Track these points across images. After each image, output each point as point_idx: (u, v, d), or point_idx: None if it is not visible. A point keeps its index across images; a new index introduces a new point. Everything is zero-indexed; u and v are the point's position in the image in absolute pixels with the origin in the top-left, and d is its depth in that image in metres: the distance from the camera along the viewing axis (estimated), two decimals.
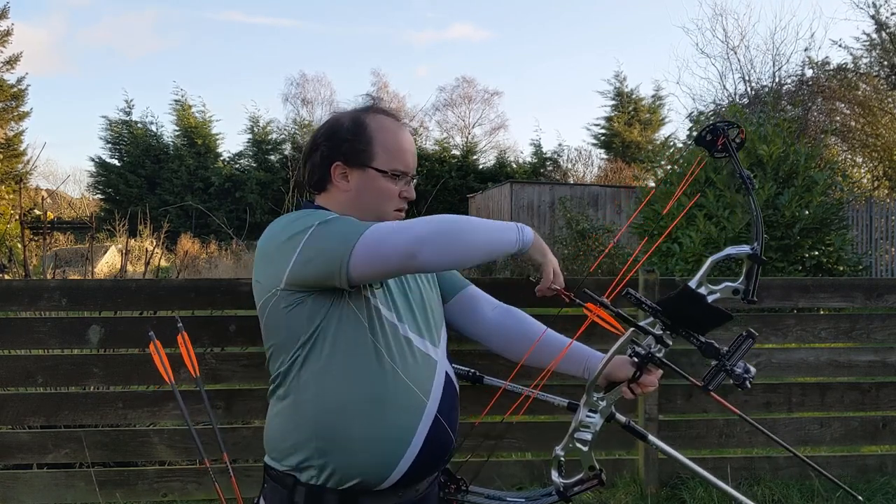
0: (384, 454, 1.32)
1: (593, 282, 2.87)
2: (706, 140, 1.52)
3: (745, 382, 1.33)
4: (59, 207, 24.17)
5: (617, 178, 22.56)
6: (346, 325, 1.33)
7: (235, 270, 11.82)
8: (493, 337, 1.62)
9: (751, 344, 1.34)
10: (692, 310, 1.32)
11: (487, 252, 1.35)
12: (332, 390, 1.32)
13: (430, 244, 1.24)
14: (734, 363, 1.34)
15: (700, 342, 1.33)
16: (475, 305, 1.63)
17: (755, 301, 1.42)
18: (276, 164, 25.91)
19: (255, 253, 1.42)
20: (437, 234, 1.26)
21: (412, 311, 1.43)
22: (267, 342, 1.42)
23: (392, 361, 1.34)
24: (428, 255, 1.24)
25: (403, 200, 1.49)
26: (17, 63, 21.55)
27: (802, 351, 3.07)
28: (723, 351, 1.34)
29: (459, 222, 1.30)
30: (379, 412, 1.31)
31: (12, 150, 21.24)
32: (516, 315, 1.64)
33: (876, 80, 16.16)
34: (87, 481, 2.77)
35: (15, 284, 2.82)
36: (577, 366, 1.57)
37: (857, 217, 11.13)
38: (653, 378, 1.46)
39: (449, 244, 1.27)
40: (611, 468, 3.07)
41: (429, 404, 1.36)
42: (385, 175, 1.44)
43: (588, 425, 1.46)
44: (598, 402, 1.47)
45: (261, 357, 2.80)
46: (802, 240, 7.64)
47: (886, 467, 3.14)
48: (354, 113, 1.49)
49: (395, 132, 1.47)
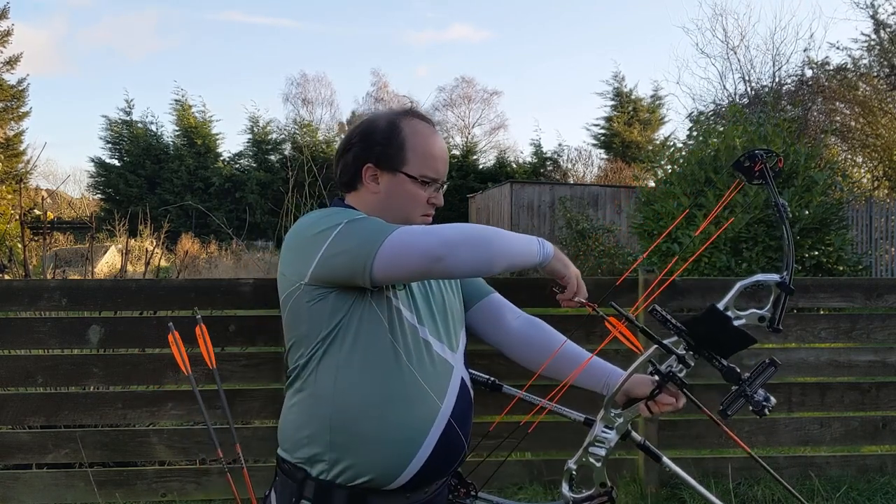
0: (395, 454, 1.33)
1: (593, 281, 2.87)
2: (744, 166, 1.51)
3: (764, 410, 1.31)
4: (59, 207, 24.17)
5: (617, 178, 22.56)
6: (366, 323, 1.34)
7: (235, 270, 11.81)
8: (515, 346, 1.63)
9: (773, 372, 1.32)
10: (717, 331, 1.31)
11: (511, 262, 1.35)
12: (348, 386, 1.33)
13: (456, 250, 1.26)
14: (755, 390, 1.31)
15: (722, 366, 1.32)
16: (498, 313, 1.64)
17: (780, 329, 1.41)
18: (276, 164, 25.89)
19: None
20: (464, 241, 1.28)
21: (433, 315, 1.44)
22: (288, 335, 1.43)
23: (409, 363, 1.35)
24: (453, 261, 1.26)
25: (431, 206, 1.50)
26: (17, 63, 21.54)
27: (802, 351, 3.07)
28: (744, 377, 1.32)
29: (486, 231, 1.32)
30: (393, 412, 1.32)
31: (12, 150, 21.22)
32: (539, 326, 1.65)
33: (876, 80, 16.16)
34: (86, 481, 2.77)
35: (15, 284, 2.82)
36: (597, 381, 1.56)
37: (857, 217, 11.13)
38: (671, 398, 1.44)
39: (474, 251, 1.28)
40: (611, 468, 3.07)
41: (442, 408, 1.37)
42: (415, 181, 1.45)
43: (603, 441, 1.44)
44: (615, 418, 1.45)
45: (260, 357, 2.80)
46: (802, 240, 7.64)
47: (886, 467, 3.14)
48: (390, 115, 1.50)
49: (427, 138, 1.48)
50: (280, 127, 27.95)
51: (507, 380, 1.74)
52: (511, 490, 2.97)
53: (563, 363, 1.56)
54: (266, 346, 2.78)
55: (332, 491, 1.33)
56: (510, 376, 2.08)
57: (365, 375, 1.33)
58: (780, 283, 1.40)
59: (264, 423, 2.86)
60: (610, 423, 1.46)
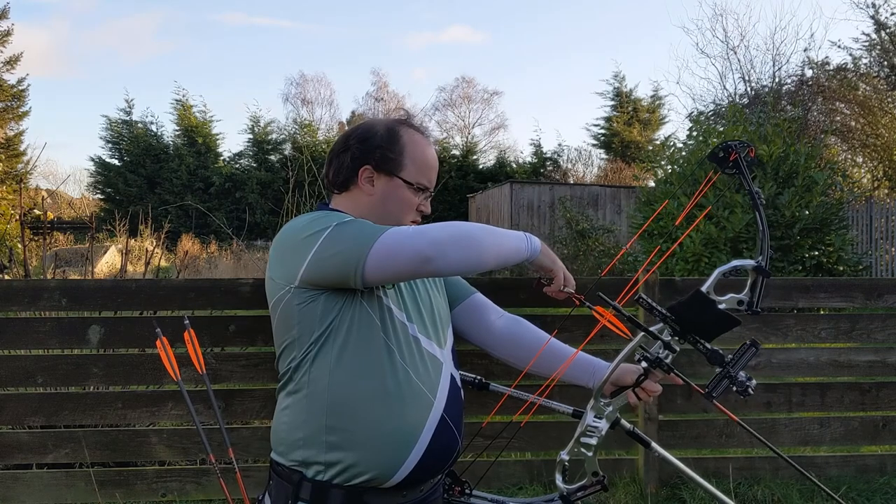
0: (392, 452, 1.34)
1: (594, 281, 2.87)
2: (719, 157, 1.58)
3: (748, 389, 1.37)
4: (59, 207, 24.19)
5: (617, 178, 22.56)
6: (358, 322, 1.36)
7: (235, 270, 11.80)
8: (499, 345, 1.66)
9: (754, 352, 1.38)
10: (702, 314, 1.36)
11: (499, 259, 1.39)
12: (343, 385, 1.34)
13: (445, 249, 1.29)
14: (737, 371, 1.37)
15: (706, 349, 1.37)
16: (482, 313, 1.67)
17: (759, 311, 1.46)
18: (276, 164, 25.89)
19: (265, 252, 1.45)
20: (452, 241, 1.31)
21: (420, 313, 1.46)
22: (278, 339, 1.43)
23: (402, 360, 1.37)
24: (442, 261, 1.29)
25: (419, 213, 1.54)
26: (17, 63, 21.52)
27: (802, 351, 3.07)
28: (727, 358, 1.38)
29: (473, 229, 1.35)
30: (389, 408, 1.33)
31: (12, 150, 21.21)
32: (523, 324, 1.68)
33: (876, 80, 16.15)
34: (86, 481, 2.77)
35: (15, 284, 2.81)
36: (584, 374, 1.60)
37: (857, 217, 11.12)
38: (657, 385, 1.49)
39: (463, 250, 1.31)
40: (611, 468, 3.08)
41: (436, 404, 1.38)
42: (410, 187, 1.49)
43: (593, 430, 1.48)
44: (604, 407, 1.49)
45: (260, 357, 2.80)
46: (802, 240, 7.64)
47: (886, 467, 3.14)
48: (389, 122, 1.54)
49: (424, 148, 1.52)
50: (280, 127, 27.97)
51: (503, 379, 1.75)
52: (511, 490, 2.96)
53: (550, 359, 1.60)
54: (266, 347, 2.78)
55: (329, 491, 1.33)
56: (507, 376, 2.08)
57: (359, 373, 1.34)
58: (756, 268, 1.47)
59: (263, 423, 2.86)
60: (599, 413, 1.49)
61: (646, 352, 1.45)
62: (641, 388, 1.48)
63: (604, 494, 3.00)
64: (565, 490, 1.47)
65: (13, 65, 21.49)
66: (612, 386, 1.53)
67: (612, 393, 1.52)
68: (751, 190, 1.53)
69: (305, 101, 31.87)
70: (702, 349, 1.36)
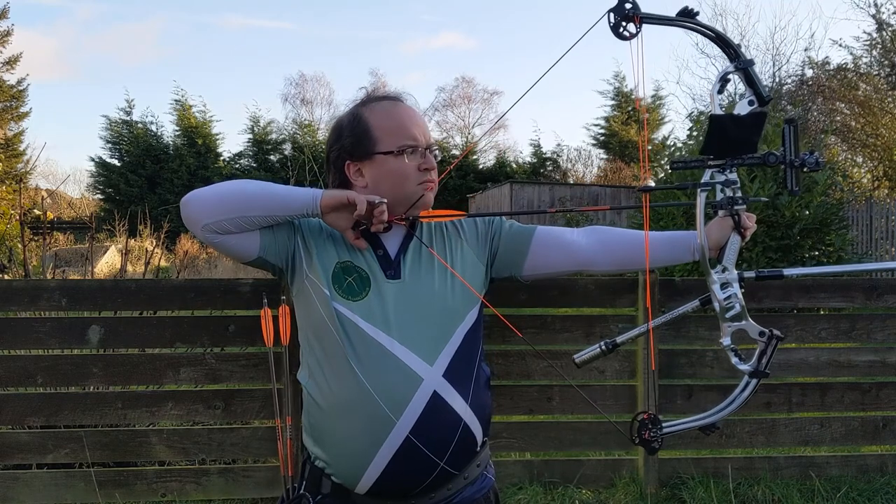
0: (349, 461, 1.32)
1: (593, 281, 2.87)
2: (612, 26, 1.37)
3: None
4: (59, 207, 24.18)
5: (616, 177, 22.56)
6: (320, 324, 1.36)
7: (235, 270, 11.79)
8: (598, 256, 1.55)
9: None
10: (731, 131, 1.32)
11: (267, 205, 1.35)
12: (314, 386, 1.38)
13: (201, 195, 1.42)
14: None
15: (759, 158, 1.34)
16: (557, 239, 1.54)
17: (767, 103, 1.40)
18: (276, 164, 25.89)
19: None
20: (214, 190, 1.40)
21: (407, 322, 1.33)
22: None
23: (361, 372, 1.30)
24: (195, 206, 1.40)
25: (425, 172, 1.42)
26: (16, 63, 21.53)
27: (802, 351, 3.07)
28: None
29: (245, 182, 1.41)
30: (343, 419, 1.31)
31: (12, 150, 21.21)
32: (603, 229, 1.59)
33: (876, 79, 16.15)
34: (86, 481, 2.77)
35: (15, 284, 2.81)
36: (684, 250, 1.54)
37: (857, 217, 11.12)
38: (751, 213, 1.43)
39: (222, 198, 1.39)
40: (610, 468, 3.07)
41: (399, 422, 1.27)
42: (393, 154, 1.39)
43: (730, 300, 1.40)
44: (723, 274, 1.41)
45: (260, 357, 2.80)
46: (802, 240, 7.63)
47: (886, 467, 3.14)
48: (352, 109, 1.49)
49: (390, 111, 1.44)
50: (280, 127, 27.95)
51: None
52: (511, 490, 2.96)
53: (654, 247, 1.52)
54: (265, 347, 2.78)
55: (321, 480, 1.38)
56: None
57: (326, 379, 1.35)
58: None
59: (263, 423, 2.85)
60: (724, 283, 1.41)
61: (715, 203, 1.39)
62: (743, 227, 1.40)
63: (604, 494, 3.00)
64: (750, 367, 1.36)
65: (13, 65, 21.50)
66: (715, 251, 1.44)
67: (718, 255, 1.44)
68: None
69: (305, 101, 31.87)
70: (756, 161, 1.34)
